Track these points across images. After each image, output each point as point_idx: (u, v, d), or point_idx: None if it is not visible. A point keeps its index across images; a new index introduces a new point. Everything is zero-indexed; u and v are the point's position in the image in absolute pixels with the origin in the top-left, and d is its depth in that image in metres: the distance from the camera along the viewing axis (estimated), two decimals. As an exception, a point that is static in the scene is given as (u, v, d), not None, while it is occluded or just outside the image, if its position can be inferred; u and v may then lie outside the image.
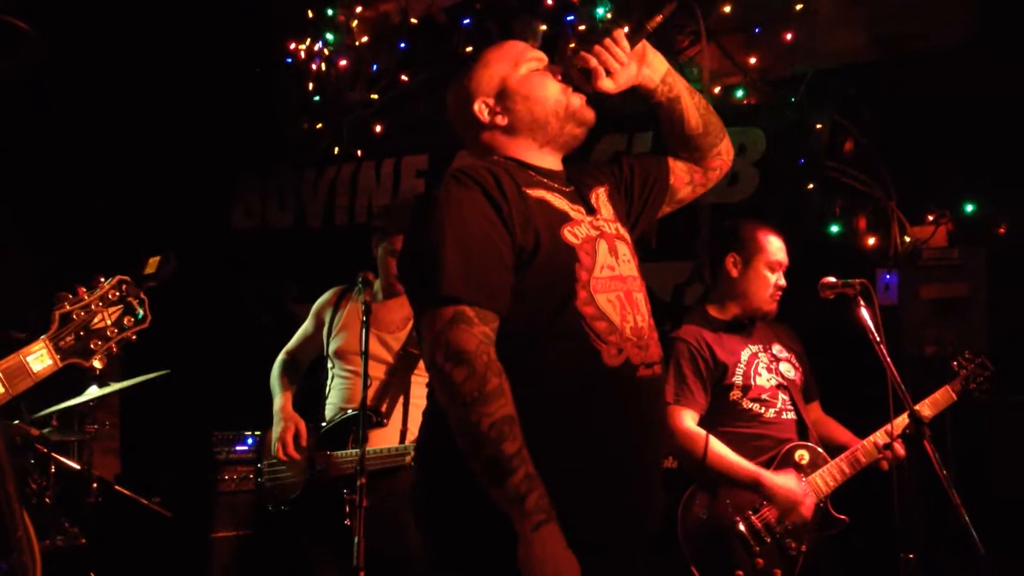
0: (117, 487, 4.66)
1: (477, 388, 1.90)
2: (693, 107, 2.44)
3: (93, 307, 2.44)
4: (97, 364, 2.42)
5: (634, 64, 2.30)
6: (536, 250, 2.07)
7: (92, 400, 4.40)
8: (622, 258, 2.21)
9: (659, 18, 2.33)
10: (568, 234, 2.13)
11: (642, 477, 2.15)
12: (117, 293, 2.47)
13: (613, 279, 2.15)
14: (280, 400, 3.88)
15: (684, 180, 2.51)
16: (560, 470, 1.96)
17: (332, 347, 3.89)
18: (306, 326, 4.06)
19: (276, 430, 3.79)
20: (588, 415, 2.06)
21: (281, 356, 4.06)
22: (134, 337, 2.47)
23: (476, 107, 2.27)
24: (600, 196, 2.32)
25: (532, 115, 2.24)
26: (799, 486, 3.33)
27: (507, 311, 2.02)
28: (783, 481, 3.32)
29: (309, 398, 4.04)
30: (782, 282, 3.54)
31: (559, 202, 2.18)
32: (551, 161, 2.29)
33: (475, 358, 1.92)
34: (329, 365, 3.94)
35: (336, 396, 3.84)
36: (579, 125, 2.28)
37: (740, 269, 3.55)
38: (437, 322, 1.96)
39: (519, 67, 2.27)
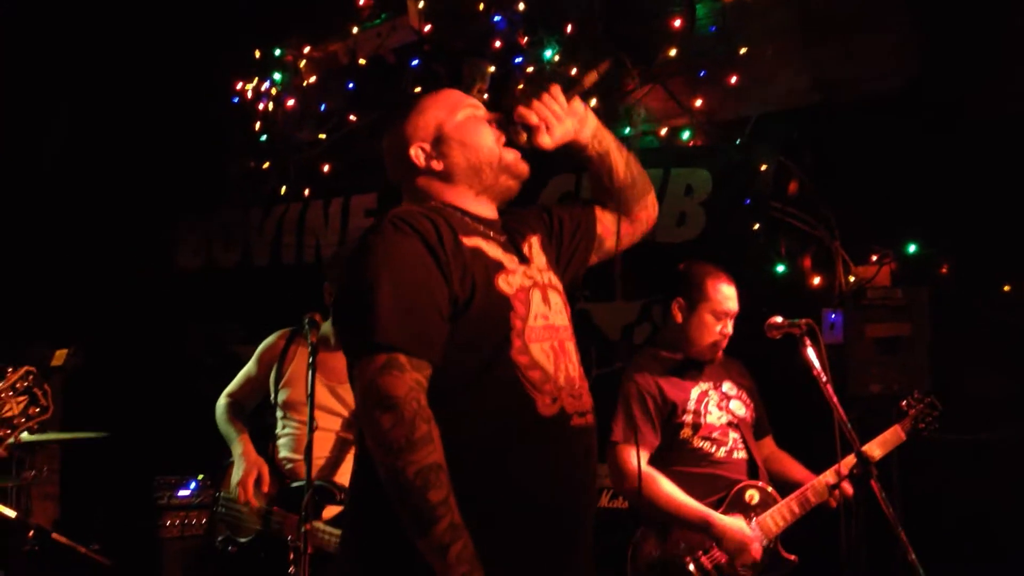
0: (54, 535, 4.53)
1: (405, 435, 1.87)
2: (622, 161, 2.47)
3: (3, 396, 2.43)
4: (1, 453, 2.39)
5: (570, 120, 2.32)
6: (471, 299, 2.06)
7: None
8: (554, 308, 2.21)
9: (595, 75, 2.37)
10: (503, 283, 2.13)
11: (575, 528, 2.13)
12: (24, 384, 2.45)
13: (547, 328, 2.15)
14: (240, 445, 3.76)
15: (611, 231, 2.53)
16: (491, 521, 1.94)
17: (281, 398, 3.78)
18: (249, 368, 3.92)
19: (238, 473, 3.68)
20: (522, 465, 2.03)
21: (224, 399, 3.92)
22: (36, 426, 2.46)
23: (412, 152, 2.26)
24: (533, 245, 2.33)
25: (467, 161, 2.24)
26: (748, 528, 3.33)
27: (441, 360, 2.00)
28: (732, 523, 3.32)
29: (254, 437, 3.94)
30: (728, 330, 3.51)
31: (494, 251, 2.18)
32: (487, 209, 2.29)
33: (404, 404, 1.90)
34: (279, 415, 3.81)
35: (288, 446, 3.74)
36: (513, 178, 2.28)
37: (685, 314, 3.53)
38: (369, 368, 1.94)
39: (455, 114, 2.27)
